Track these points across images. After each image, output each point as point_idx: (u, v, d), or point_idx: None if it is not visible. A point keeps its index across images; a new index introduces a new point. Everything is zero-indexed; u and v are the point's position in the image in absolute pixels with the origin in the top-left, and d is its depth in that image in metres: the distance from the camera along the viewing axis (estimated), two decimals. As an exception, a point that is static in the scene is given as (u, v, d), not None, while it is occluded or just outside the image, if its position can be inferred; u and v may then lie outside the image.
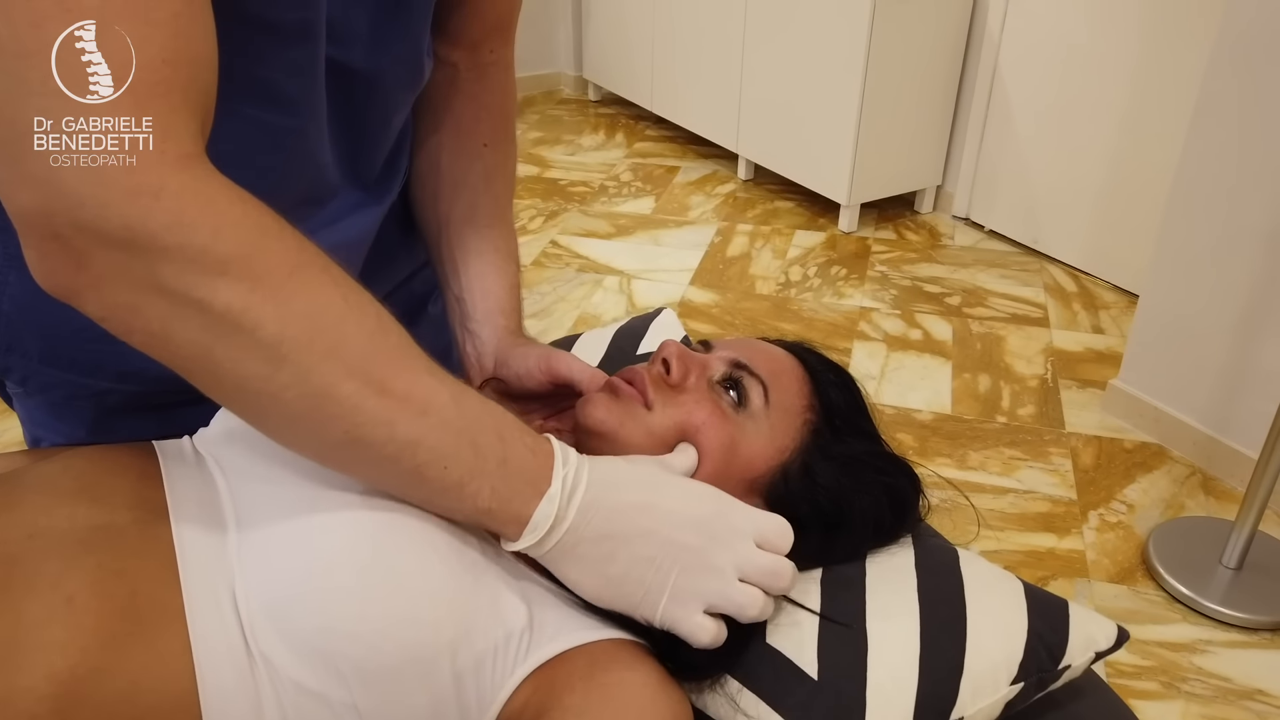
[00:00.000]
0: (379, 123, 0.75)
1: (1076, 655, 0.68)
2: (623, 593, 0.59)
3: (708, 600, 0.58)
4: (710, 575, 0.58)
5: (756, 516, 0.61)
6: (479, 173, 0.83)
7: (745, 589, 0.58)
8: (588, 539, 0.57)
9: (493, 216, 0.83)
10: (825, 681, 0.62)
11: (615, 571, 0.58)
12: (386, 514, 0.57)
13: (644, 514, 0.58)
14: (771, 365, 0.72)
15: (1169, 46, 2.32)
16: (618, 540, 0.57)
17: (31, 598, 0.53)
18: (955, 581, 0.69)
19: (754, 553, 0.59)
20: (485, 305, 0.80)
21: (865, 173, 2.82)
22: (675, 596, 0.58)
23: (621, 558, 0.57)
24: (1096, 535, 1.76)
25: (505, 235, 0.83)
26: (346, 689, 0.54)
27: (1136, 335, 2.02)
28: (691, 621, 0.58)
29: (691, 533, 0.58)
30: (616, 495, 0.58)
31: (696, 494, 0.60)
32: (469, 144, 0.83)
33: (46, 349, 0.73)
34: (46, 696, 0.51)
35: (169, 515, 0.60)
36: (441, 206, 0.83)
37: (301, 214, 0.70)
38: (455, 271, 0.82)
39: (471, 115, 0.83)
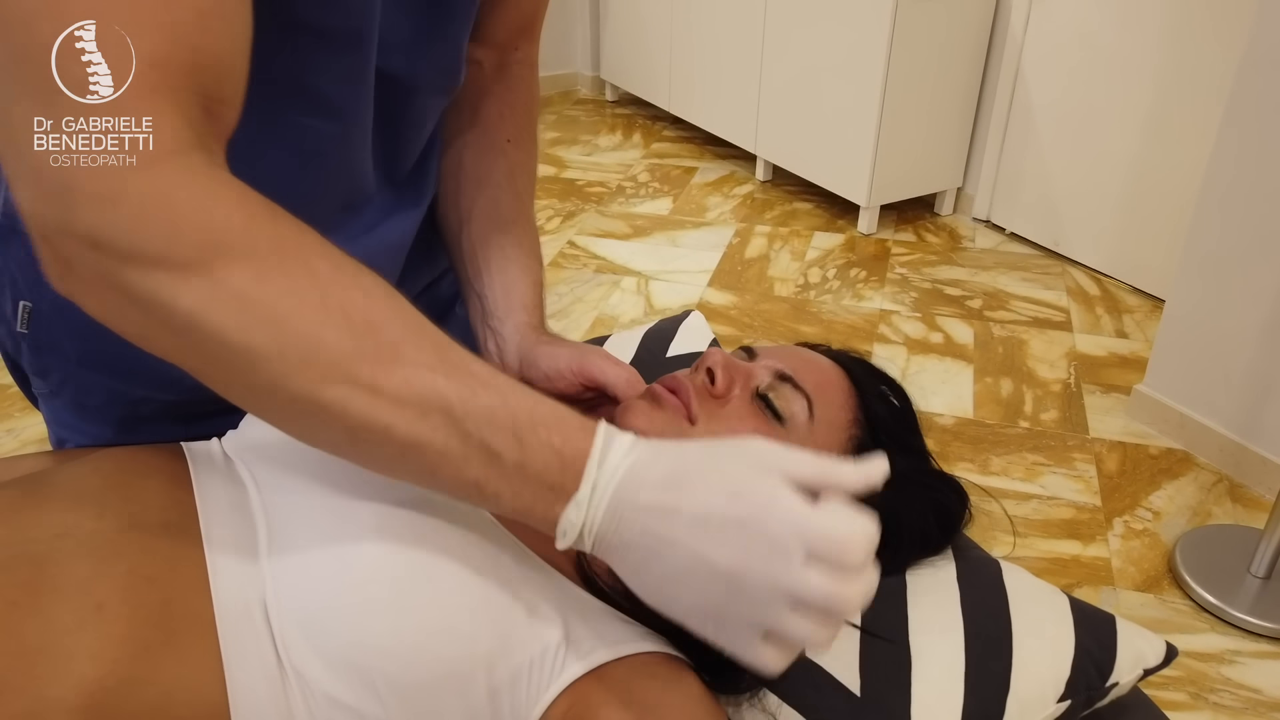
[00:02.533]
0: (414, 127, 0.74)
1: (1125, 673, 0.67)
2: (665, 607, 0.51)
3: (762, 630, 0.47)
4: (756, 607, 0.46)
5: (808, 523, 0.46)
6: (502, 170, 0.82)
7: (802, 623, 0.46)
8: (622, 543, 0.49)
9: (515, 213, 0.82)
10: (869, 698, 0.60)
11: (651, 581, 0.50)
12: (422, 525, 0.56)
13: (665, 521, 0.48)
14: (817, 377, 0.71)
15: (1193, 47, 2.29)
16: (645, 552, 0.49)
17: (60, 602, 0.52)
18: (999, 596, 0.67)
19: (803, 578, 0.45)
20: (507, 302, 0.78)
21: (885, 174, 2.80)
22: (724, 624, 0.48)
23: (654, 568, 0.49)
24: (1122, 543, 1.74)
25: (528, 232, 0.82)
26: (380, 704, 0.53)
27: (1162, 339, 2.00)
28: (749, 651, 0.48)
29: (724, 553, 0.46)
30: (637, 495, 0.49)
31: (731, 488, 0.47)
32: (493, 141, 0.82)
33: (83, 350, 0.72)
34: (77, 707, 0.50)
35: (199, 521, 0.59)
36: (464, 203, 0.82)
37: (341, 220, 0.69)
38: (477, 269, 0.80)
39: (496, 113, 0.83)
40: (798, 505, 0.46)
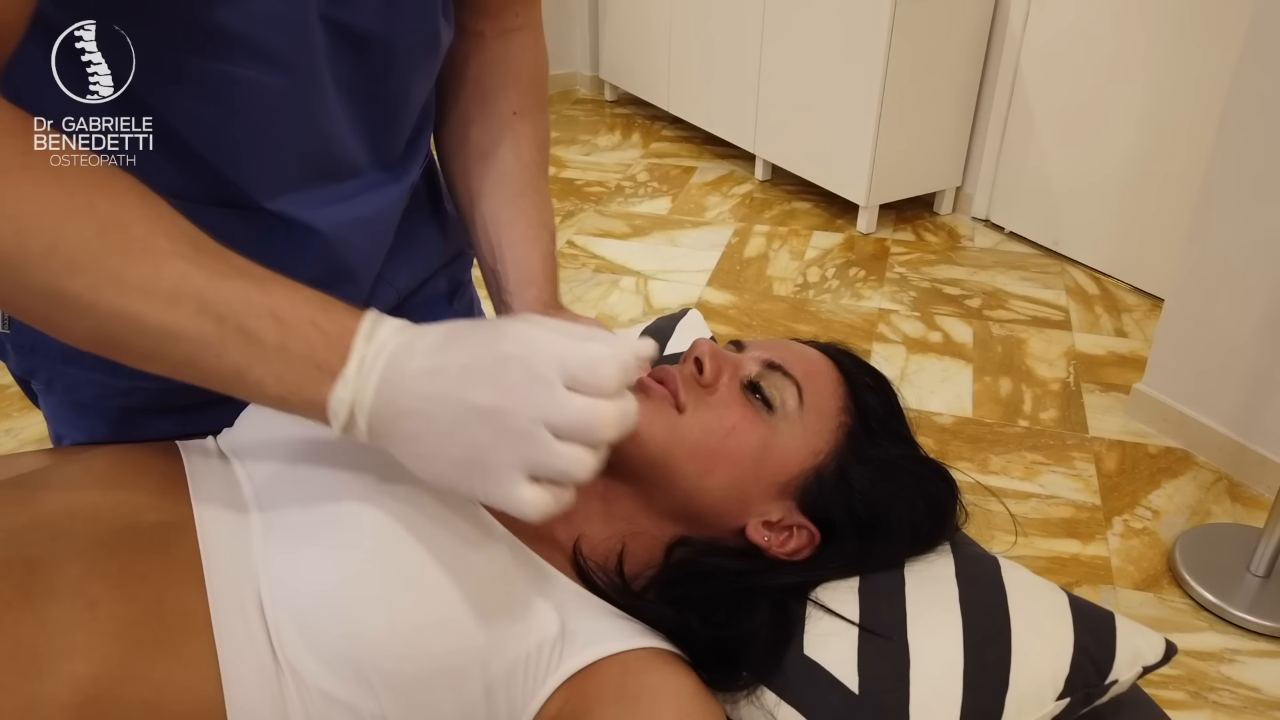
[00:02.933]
0: (399, 93, 0.71)
1: (1124, 670, 0.66)
2: (441, 474, 0.50)
3: (527, 468, 0.48)
4: (519, 440, 0.47)
5: (566, 352, 0.48)
6: (508, 143, 0.81)
7: (564, 450, 0.47)
8: (394, 418, 0.49)
9: (523, 186, 0.81)
10: (866, 695, 0.60)
11: (425, 451, 0.50)
12: (417, 521, 0.56)
13: (433, 380, 0.49)
14: (806, 366, 0.71)
15: (1193, 46, 2.29)
16: (418, 416, 0.49)
17: (54, 602, 0.52)
18: (998, 592, 0.67)
19: (563, 401, 0.47)
20: (518, 276, 0.78)
21: (884, 174, 2.80)
22: (490, 472, 0.48)
23: (426, 436, 0.49)
24: (1121, 541, 1.74)
25: (538, 204, 0.81)
26: (375, 699, 0.53)
27: (1161, 338, 2.00)
28: (513, 495, 0.48)
29: (484, 392, 0.48)
30: (407, 363, 0.49)
31: (496, 336, 0.50)
32: (497, 113, 0.81)
33: (67, 347, 0.72)
34: (69, 704, 0.50)
35: (194, 518, 0.59)
36: (473, 181, 0.81)
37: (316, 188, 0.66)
38: (490, 246, 0.80)
39: (499, 83, 0.81)
40: (556, 338, 0.49)
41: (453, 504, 0.59)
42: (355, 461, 0.61)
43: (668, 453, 0.66)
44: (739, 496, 0.67)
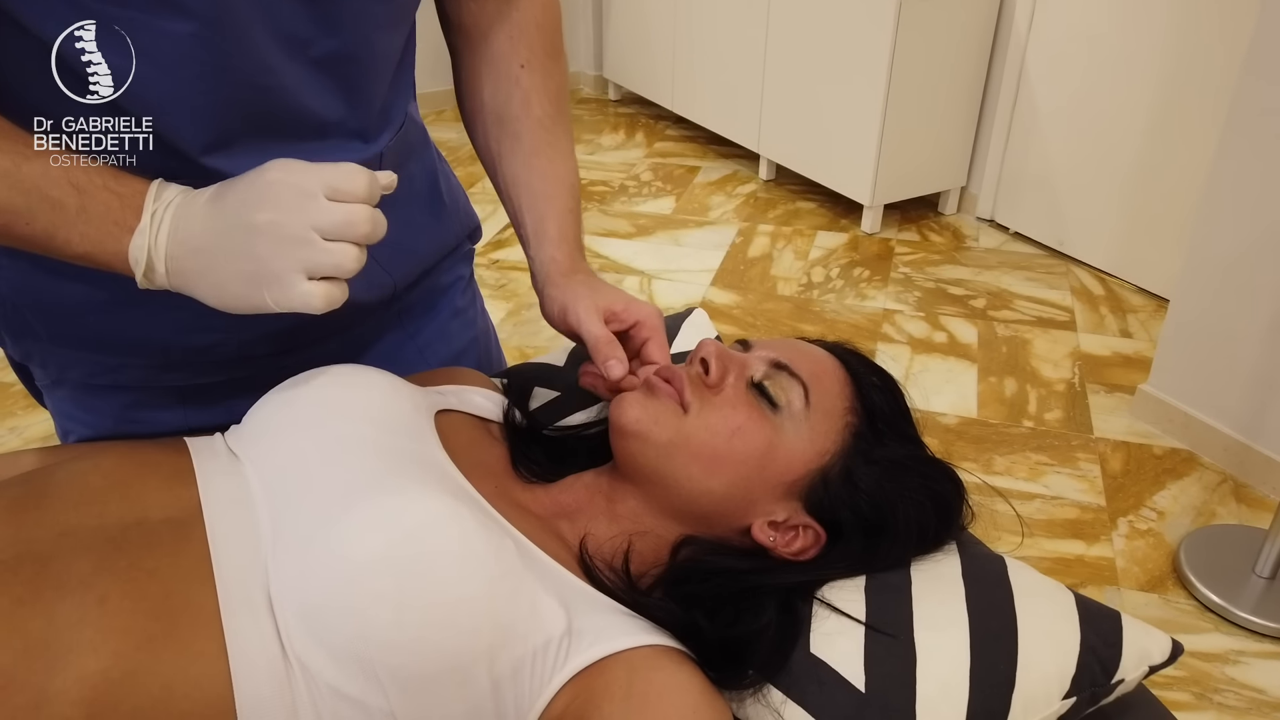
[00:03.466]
0: (358, 44, 0.69)
1: (1130, 670, 0.66)
2: (237, 295, 0.59)
3: (303, 269, 0.57)
4: (293, 245, 0.57)
5: (322, 171, 0.58)
6: (518, 100, 0.80)
7: (334, 247, 0.57)
8: (188, 256, 0.58)
9: (537, 143, 0.80)
10: (873, 694, 0.60)
11: (219, 279, 0.59)
12: (424, 518, 0.56)
13: (215, 214, 0.58)
14: (812, 366, 0.71)
15: (1198, 46, 2.29)
16: (207, 251, 0.58)
17: (63, 598, 0.52)
18: (1004, 592, 0.67)
19: (326, 208, 0.57)
20: (535, 239, 0.79)
21: (889, 173, 2.79)
22: (273, 278, 0.57)
23: (217, 265, 0.58)
24: (1126, 542, 1.74)
25: (554, 160, 0.81)
26: (384, 695, 0.53)
27: (1166, 339, 1.99)
28: (297, 292, 0.57)
29: (259, 211, 0.57)
30: (192, 208, 0.59)
31: (262, 170, 0.59)
32: (506, 71, 0.80)
33: (51, 328, 0.73)
34: (79, 700, 0.50)
35: (202, 515, 0.59)
36: (492, 144, 0.81)
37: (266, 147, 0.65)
38: (513, 207, 0.81)
39: (505, 39, 0.80)
40: (314, 165, 0.59)
41: (460, 500, 0.59)
42: (363, 460, 0.61)
43: (673, 452, 0.66)
44: (744, 496, 0.67)
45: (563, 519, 0.70)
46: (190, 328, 0.73)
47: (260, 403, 0.69)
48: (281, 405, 0.67)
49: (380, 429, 0.65)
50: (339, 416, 0.65)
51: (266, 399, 0.68)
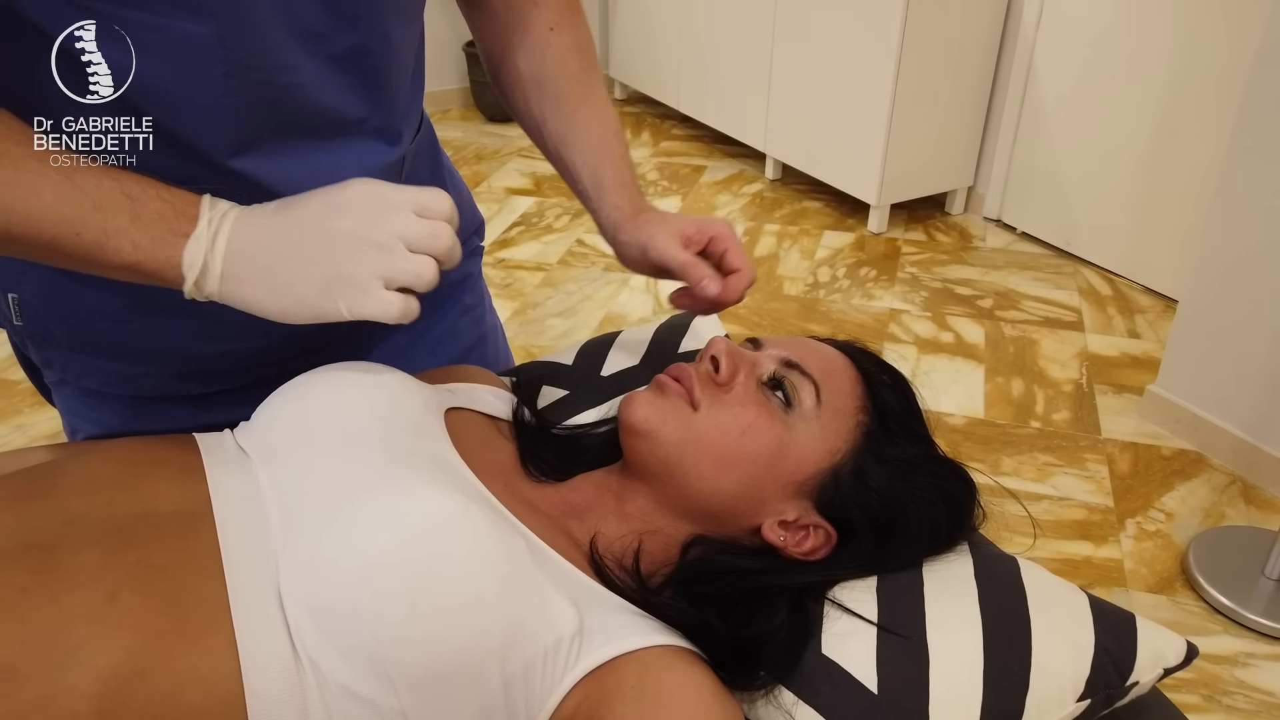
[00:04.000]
0: (379, 39, 0.69)
1: (1145, 672, 0.66)
2: (299, 298, 0.58)
3: (383, 276, 0.58)
4: (376, 252, 0.58)
5: (408, 189, 0.60)
6: (552, 61, 0.81)
7: (416, 258, 0.58)
8: (248, 258, 0.58)
9: (577, 100, 0.81)
10: (885, 695, 0.60)
11: (284, 275, 0.58)
12: (435, 516, 0.56)
13: (286, 221, 0.59)
14: (824, 365, 0.70)
15: (1207, 45, 2.28)
16: (275, 255, 0.58)
17: (72, 590, 0.52)
18: (1017, 593, 0.67)
19: (413, 219, 0.59)
20: (597, 191, 0.79)
21: (895, 173, 2.79)
22: (350, 282, 0.57)
23: (281, 268, 0.58)
24: (1134, 544, 1.73)
25: (596, 112, 0.82)
26: (394, 694, 0.52)
27: (1175, 340, 1.98)
28: (374, 299, 0.58)
29: (342, 218, 0.58)
30: (255, 215, 0.59)
31: (343, 187, 0.60)
32: (536, 36, 0.81)
33: (71, 335, 0.73)
34: (89, 695, 0.49)
35: (212, 511, 0.59)
36: (534, 108, 0.81)
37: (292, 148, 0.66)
38: (566, 168, 0.81)
39: (531, 6, 0.81)
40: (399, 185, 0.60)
41: (471, 498, 0.59)
42: (372, 458, 0.61)
43: (682, 451, 0.66)
44: (754, 496, 0.66)
45: (572, 518, 0.69)
46: (208, 336, 0.74)
47: (269, 400, 0.68)
48: (291, 403, 0.67)
49: (390, 427, 0.65)
50: (348, 414, 0.65)
51: (276, 396, 0.68)
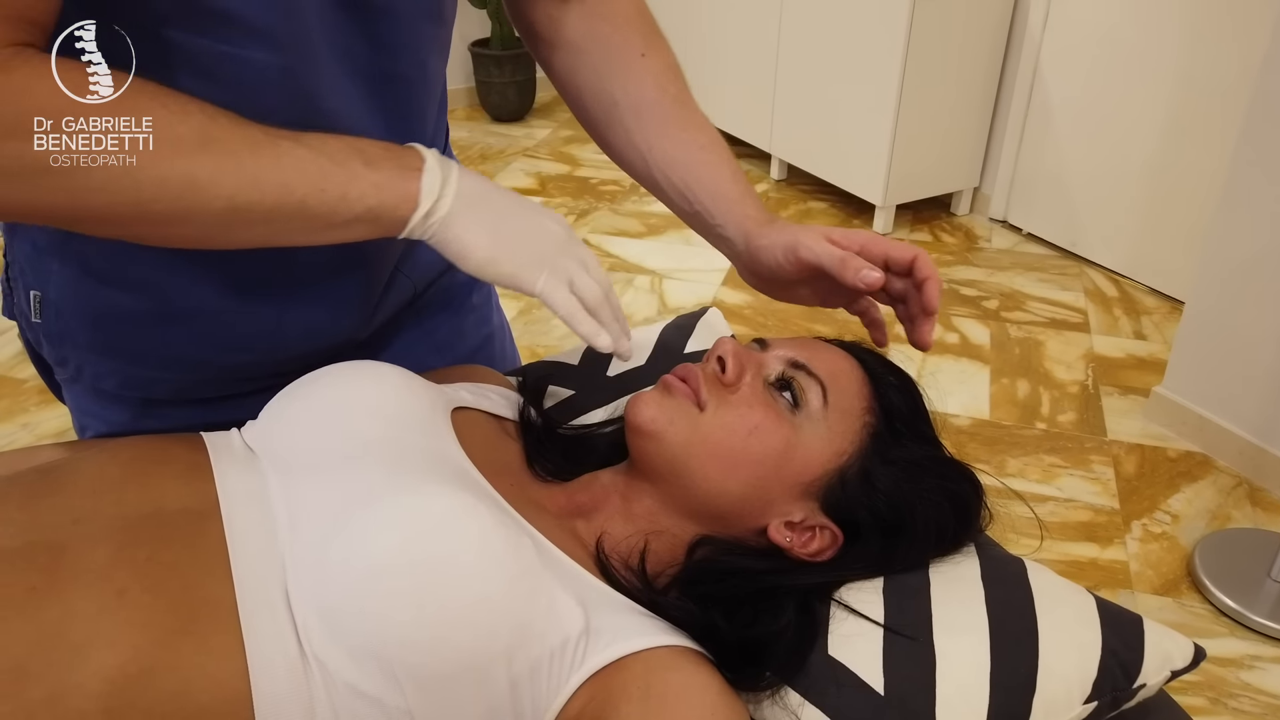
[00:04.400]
0: (414, 66, 0.71)
1: (1152, 674, 0.65)
2: (513, 252, 0.63)
3: (571, 282, 0.64)
4: (573, 261, 0.65)
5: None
6: (650, 84, 0.79)
7: (591, 283, 0.65)
8: (475, 202, 0.62)
9: (684, 120, 0.80)
10: (892, 696, 0.60)
11: (507, 229, 0.63)
12: (442, 516, 0.56)
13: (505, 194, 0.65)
14: (830, 365, 0.70)
15: (1215, 45, 2.27)
16: (499, 209, 0.63)
17: (80, 588, 0.52)
18: (1024, 594, 0.66)
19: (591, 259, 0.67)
20: (719, 206, 0.77)
21: (901, 174, 2.78)
22: (553, 270, 0.64)
23: (509, 221, 0.63)
24: (1140, 546, 1.73)
25: (703, 129, 0.80)
26: (401, 694, 0.53)
27: (1181, 341, 1.98)
28: (561, 294, 0.64)
29: (552, 222, 0.65)
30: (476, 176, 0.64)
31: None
32: (629, 64, 0.80)
33: (93, 337, 0.73)
34: (96, 694, 0.50)
35: (219, 509, 0.59)
36: (637, 137, 0.79)
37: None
38: (678, 190, 0.78)
39: (617, 36, 0.80)
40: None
41: (479, 498, 0.59)
42: (379, 457, 0.61)
43: (689, 452, 0.66)
44: (760, 496, 0.66)
45: (579, 518, 0.69)
46: (229, 347, 0.74)
47: (277, 399, 0.68)
48: (298, 401, 0.67)
49: (397, 426, 0.65)
50: (356, 413, 0.65)
51: (283, 395, 0.68)
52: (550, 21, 0.80)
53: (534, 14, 0.80)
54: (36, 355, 0.82)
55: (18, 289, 0.75)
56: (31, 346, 0.81)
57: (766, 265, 0.73)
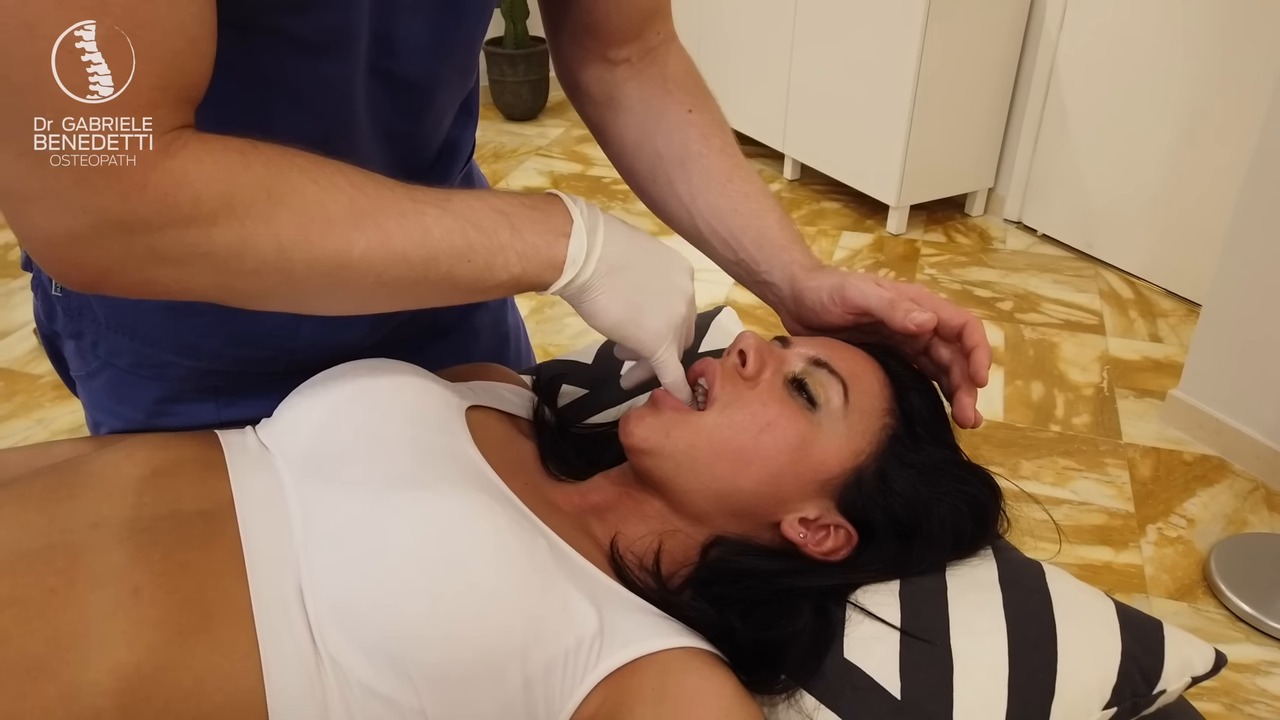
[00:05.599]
0: (432, 126, 0.74)
1: (1172, 680, 0.65)
2: (641, 322, 0.64)
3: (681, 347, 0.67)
4: (689, 321, 0.67)
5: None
6: (695, 139, 0.80)
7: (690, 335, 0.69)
8: (617, 267, 0.62)
9: (728, 171, 0.79)
10: (909, 701, 0.59)
11: (642, 297, 0.64)
12: (456, 516, 0.56)
13: (645, 250, 0.64)
14: (852, 365, 0.70)
15: (1233, 46, 2.25)
16: (639, 272, 0.63)
17: (97, 589, 0.52)
18: (1043, 599, 0.66)
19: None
20: (764, 253, 0.76)
21: (915, 174, 2.77)
22: (675, 336, 0.66)
23: (644, 289, 0.63)
24: (1155, 550, 1.71)
25: (747, 179, 0.80)
26: (415, 693, 0.52)
27: (1198, 344, 1.96)
28: (674, 363, 0.66)
29: (684, 276, 0.67)
30: (626, 231, 0.64)
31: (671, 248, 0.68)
32: (675, 119, 0.80)
33: (112, 316, 0.74)
34: (111, 691, 0.50)
35: (234, 508, 0.59)
36: (680, 188, 0.79)
37: None
38: (722, 241, 0.78)
39: (664, 94, 0.81)
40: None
41: (493, 497, 0.59)
42: (395, 455, 0.61)
43: (694, 456, 0.65)
44: (775, 493, 0.66)
45: (593, 517, 0.69)
46: (246, 343, 0.74)
47: (291, 397, 0.68)
48: (313, 399, 0.67)
49: (412, 424, 0.65)
50: (371, 411, 0.65)
51: (298, 393, 0.68)
52: (600, 83, 0.81)
53: (584, 76, 0.81)
54: (52, 349, 0.82)
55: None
56: (49, 340, 0.81)
57: (811, 308, 0.72)
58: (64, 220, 0.48)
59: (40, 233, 0.49)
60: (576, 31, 0.80)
